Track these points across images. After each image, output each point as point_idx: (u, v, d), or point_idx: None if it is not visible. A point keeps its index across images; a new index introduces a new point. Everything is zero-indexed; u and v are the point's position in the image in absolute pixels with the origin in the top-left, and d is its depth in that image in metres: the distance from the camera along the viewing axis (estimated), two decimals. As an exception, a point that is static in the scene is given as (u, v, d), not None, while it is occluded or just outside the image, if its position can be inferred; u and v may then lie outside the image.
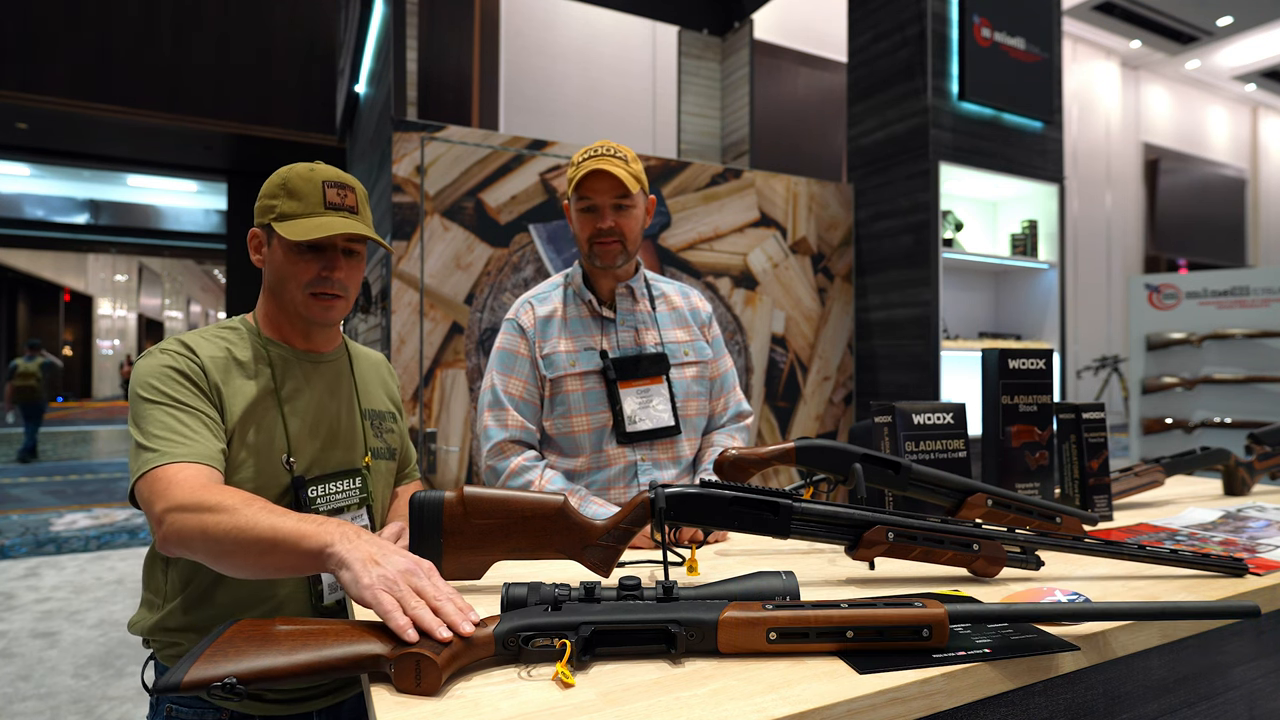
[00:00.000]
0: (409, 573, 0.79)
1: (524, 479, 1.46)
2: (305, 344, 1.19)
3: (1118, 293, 13.35)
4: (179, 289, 30.89)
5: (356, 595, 0.77)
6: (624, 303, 1.59)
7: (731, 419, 1.68)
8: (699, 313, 1.68)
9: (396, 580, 0.77)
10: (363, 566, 0.78)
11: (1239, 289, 4.26)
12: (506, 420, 1.50)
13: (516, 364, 1.53)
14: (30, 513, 6.35)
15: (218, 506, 0.88)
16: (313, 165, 1.14)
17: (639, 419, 1.51)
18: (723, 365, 1.68)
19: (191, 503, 0.90)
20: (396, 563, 0.80)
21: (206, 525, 0.88)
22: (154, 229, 15.91)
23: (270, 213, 1.11)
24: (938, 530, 1.00)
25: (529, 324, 1.55)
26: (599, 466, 1.51)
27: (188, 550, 0.91)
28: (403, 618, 0.73)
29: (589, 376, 1.52)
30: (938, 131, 3.56)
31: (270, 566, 0.88)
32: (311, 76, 8.56)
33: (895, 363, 3.76)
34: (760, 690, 0.69)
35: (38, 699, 2.87)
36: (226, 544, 0.87)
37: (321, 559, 0.83)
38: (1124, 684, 0.92)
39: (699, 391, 1.61)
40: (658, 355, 1.55)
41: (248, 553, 0.86)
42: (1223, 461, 1.75)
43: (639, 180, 1.50)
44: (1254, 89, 15.23)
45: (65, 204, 15.15)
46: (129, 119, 8.03)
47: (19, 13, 7.48)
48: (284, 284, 1.13)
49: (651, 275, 1.69)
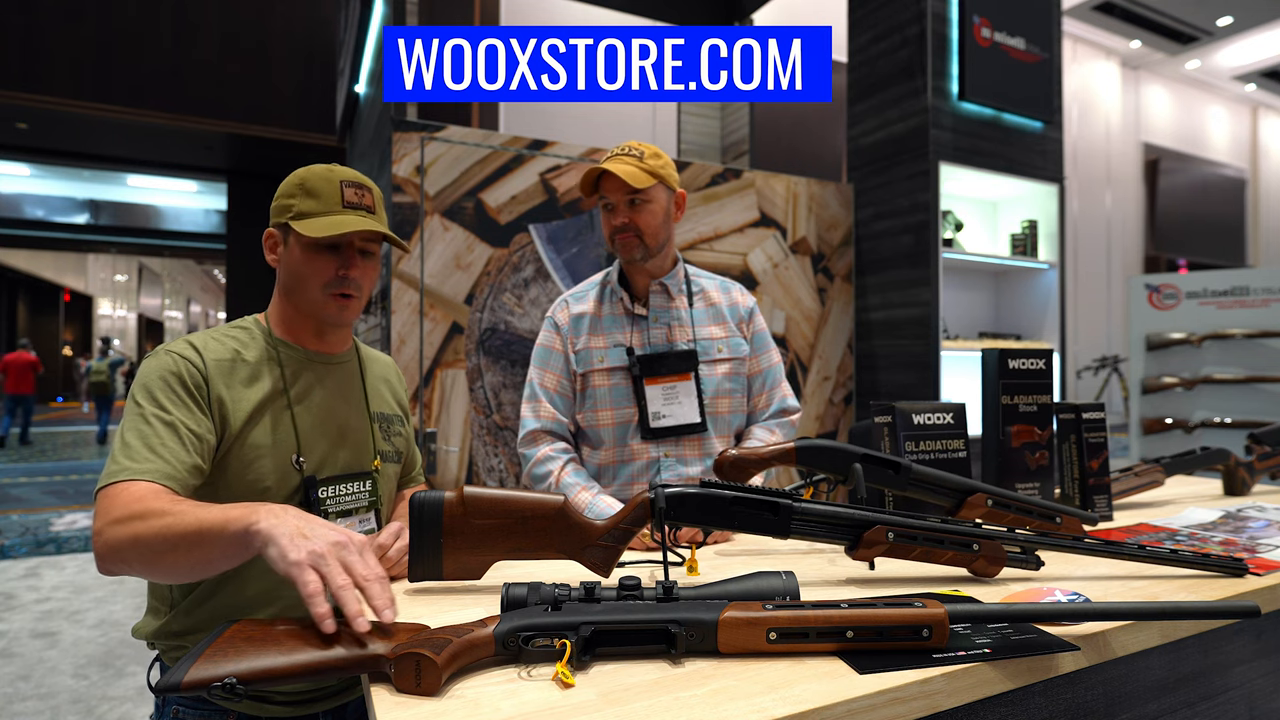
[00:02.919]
0: (339, 545, 0.76)
1: (545, 468, 1.55)
2: (318, 345, 1.18)
3: (1118, 293, 13.35)
4: (179, 289, 30.89)
5: (284, 570, 0.74)
6: (658, 299, 1.63)
7: (775, 414, 1.69)
8: (738, 308, 1.69)
9: (325, 554, 0.74)
10: (289, 541, 0.75)
11: (1239, 289, 4.26)
12: (540, 411, 1.60)
13: (551, 359, 1.62)
14: (30, 513, 6.35)
15: (146, 512, 0.86)
16: (330, 166, 1.14)
17: (664, 415, 1.56)
18: (765, 361, 1.69)
19: (125, 515, 0.87)
20: (326, 535, 0.77)
21: (137, 532, 0.85)
22: (154, 229, 15.91)
23: (288, 212, 1.11)
24: (938, 530, 1.00)
25: (564, 321, 1.64)
26: (623, 460, 1.57)
27: (123, 563, 0.88)
28: (323, 605, 0.70)
29: (616, 373, 1.58)
30: (938, 131, 3.56)
31: (201, 561, 0.84)
32: (311, 76, 8.56)
33: (895, 363, 3.76)
34: (760, 690, 0.69)
35: (38, 699, 2.87)
36: (156, 546, 0.84)
37: (247, 538, 0.79)
38: (1124, 684, 0.92)
39: (732, 389, 1.63)
40: (687, 352, 1.58)
41: (176, 550, 0.84)
42: (1223, 461, 1.75)
43: (654, 175, 1.52)
44: (1254, 89, 15.23)
45: (65, 204, 15.15)
46: (129, 119, 8.03)
47: (19, 13, 7.49)
48: (300, 283, 1.12)
49: (694, 270, 1.71)
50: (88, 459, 10.21)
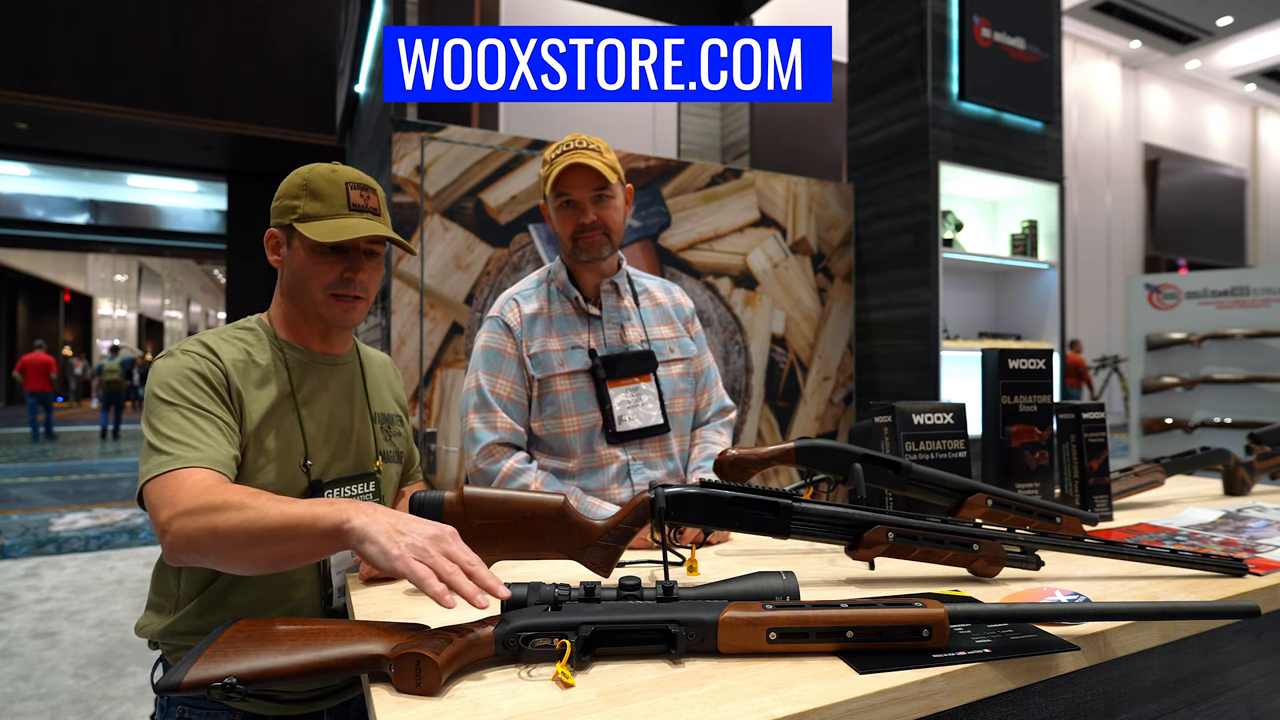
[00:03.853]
0: (437, 539, 0.78)
1: (519, 482, 1.42)
2: (323, 346, 1.18)
3: (1118, 293, 13.36)
4: (179, 289, 30.90)
5: (387, 567, 0.75)
6: (609, 299, 1.56)
7: (716, 414, 1.68)
8: (682, 308, 1.67)
9: (426, 547, 0.76)
10: (388, 539, 0.76)
11: (1239, 289, 4.27)
12: (495, 422, 1.45)
13: (504, 363, 1.49)
14: (30, 513, 6.35)
15: (224, 505, 0.86)
16: (333, 166, 1.13)
17: (628, 418, 1.49)
18: (704, 361, 1.67)
19: (197, 506, 0.87)
20: (422, 529, 0.78)
21: (215, 525, 0.85)
22: (154, 229, 15.92)
23: (291, 213, 1.09)
24: (938, 530, 1.00)
25: (515, 322, 1.50)
26: (591, 468, 1.48)
27: (197, 554, 0.87)
28: (438, 584, 0.72)
29: (578, 376, 1.48)
30: (938, 131, 3.56)
31: (286, 555, 0.85)
32: (311, 76, 8.56)
33: (895, 363, 3.76)
34: (760, 690, 0.69)
35: (38, 699, 2.87)
36: (238, 539, 0.84)
37: (340, 536, 0.80)
38: (1124, 684, 0.92)
39: (685, 388, 1.59)
40: (645, 353, 1.53)
41: (261, 544, 0.84)
42: (1223, 461, 1.75)
43: (615, 170, 1.47)
44: (1254, 89, 15.24)
45: (65, 204, 15.16)
46: (129, 119, 8.03)
47: (19, 12, 7.49)
48: (305, 285, 1.11)
49: (633, 271, 1.66)
50: (88, 459, 10.21)
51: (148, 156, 10.43)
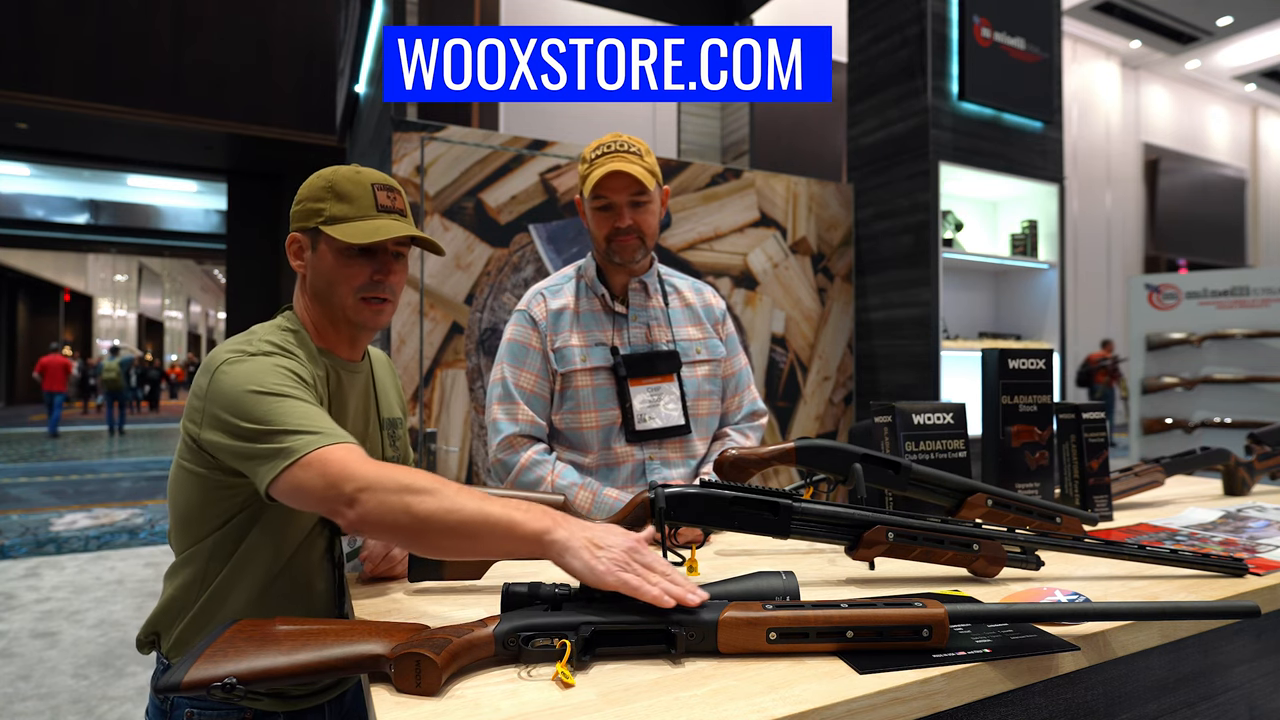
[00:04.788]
0: (633, 550, 0.82)
1: (536, 474, 1.44)
2: (348, 353, 1.16)
3: (1118, 293, 13.35)
4: (179, 289, 30.91)
5: (595, 581, 0.79)
6: (637, 298, 1.57)
7: (745, 418, 1.67)
8: (713, 309, 1.66)
9: (626, 560, 0.81)
10: (590, 554, 0.80)
11: (1239, 289, 4.26)
12: (517, 414, 1.48)
13: (528, 357, 1.51)
14: (30, 513, 6.35)
15: (417, 487, 0.86)
16: (356, 168, 1.11)
17: (649, 417, 1.49)
18: (736, 364, 1.66)
19: (390, 483, 0.86)
20: (619, 542, 0.83)
21: (411, 506, 0.85)
22: (154, 229, 15.93)
23: (317, 216, 1.07)
24: (938, 530, 1.00)
25: (541, 316, 1.53)
26: (608, 464, 1.50)
27: (384, 530, 0.87)
28: (656, 589, 0.77)
29: (599, 373, 1.50)
30: (938, 131, 3.56)
31: (476, 550, 0.87)
32: (311, 76, 8.57)
33: (895, 363, 3.76)
34: (760, 690, 0.69)
35: (38, 699, 2.87)
36: (434, 524, 0.84)
37: (541, 545, 0.83)
38: (1124, 684, 0.92)
39: (711, 390, 1.59)
40: (669, 353, 1.53)
41: (455, 535, 0.85)
42: (1223, 461, 1.75)
43: (655, 175, 1.48)
44: (1254, 89, 15.24)
45: (65, 204, 15.17)
46: (129, 119, 8.04)
47: (19, 12, 7.49)
48: (333, 288, 1.09)
49: (665, 270, 1.66)
50: (88, 459, 10.21)
51: (148, 156, 10.44)
